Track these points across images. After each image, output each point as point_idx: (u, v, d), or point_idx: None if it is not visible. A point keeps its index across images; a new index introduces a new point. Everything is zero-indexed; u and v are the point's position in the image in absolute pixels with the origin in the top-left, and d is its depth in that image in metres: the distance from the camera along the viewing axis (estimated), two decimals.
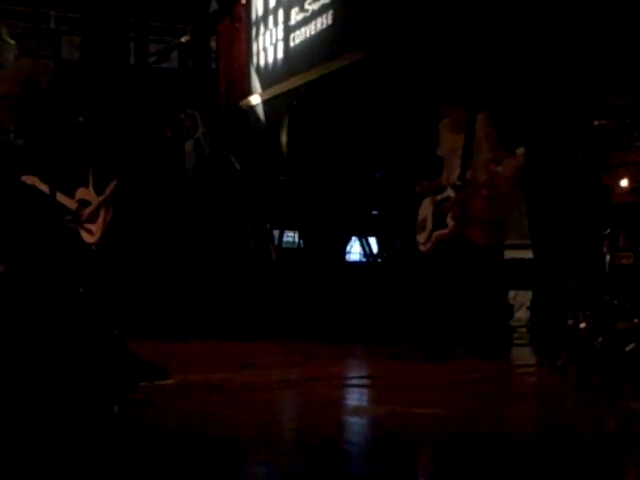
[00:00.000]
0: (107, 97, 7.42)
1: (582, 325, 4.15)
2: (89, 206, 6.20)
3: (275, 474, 2.42)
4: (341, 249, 7.80)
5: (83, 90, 7.38)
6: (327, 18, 8.23)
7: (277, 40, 9.41)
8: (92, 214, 6.16)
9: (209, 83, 10.24)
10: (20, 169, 6.29)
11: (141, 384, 3.46)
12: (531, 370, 4.78)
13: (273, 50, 9.53)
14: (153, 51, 9.35)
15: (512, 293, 6.68)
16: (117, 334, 3.53)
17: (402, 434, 3.01)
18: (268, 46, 9.66)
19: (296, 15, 8.90)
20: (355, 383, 4.25)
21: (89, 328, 3.41)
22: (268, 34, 9.67)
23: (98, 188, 6.26)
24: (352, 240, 7.94)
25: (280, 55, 9.34)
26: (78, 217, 6.21)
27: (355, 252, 8.02)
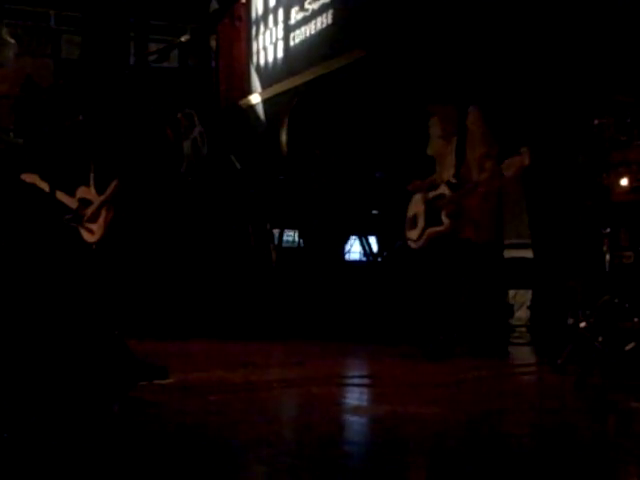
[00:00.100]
0: (107, 96, 7.42)
1: (582, 324, 4.15)
2: (91, 206, 6.19)
3: (275, 474, 2.42)
4: (340, 249, 7.80)
5: (83, 89, 7.37)
6: (327, 17, 8.23)
7: (277, 39, 9.41)
8: (94, 214, 6.16)
9: (209, 82, 10.24)
10: (20, 168, 6.28)
11: (141, 383, 3.47)
12: (531, 369, 4.78)
13: (273, 49, 9.53)
14: (153, 50, 9.35)
15: (512, 292, 6.68)
16: (117, 334, 3.53)
17: (402, 434, 3.01)
18: (268, 45, 9.67)
19: (296, 14, 8.91)
20: (355, 383, 4.25)
21: (89, 328, 3.42)
22: (268, 33, 9.67)
23: (98, 187, 6.26)
24: (352, 239, 7.94)
25: (280, 54, 9.35)
26: (79, 216, 6.21)
27: (355, 251, 8.02)
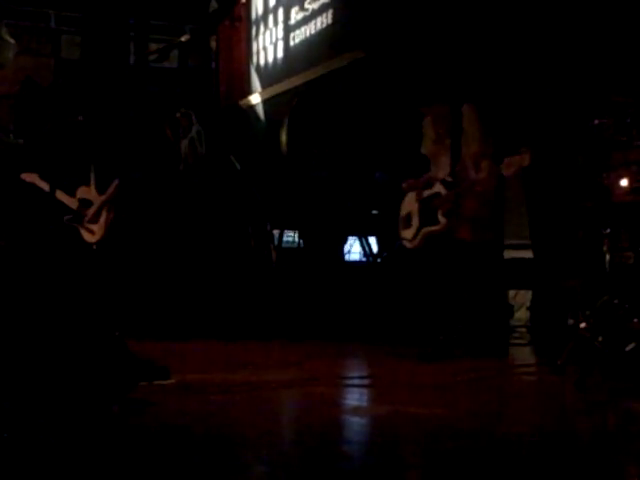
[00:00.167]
0: (107, 96, 7.43)
1: (582, 325, 4.14)
2: (92, 206, 6.19)
3: (275, 473, 2.42)
4: (340, 249, 7.80)
5: (83, 89, 7.38)
6: (327, 17, 8.23)
7: (277, 39, 9.41)
8: (95, 214, 6.16)
9: (209, 82, 10.22)
10: (20, 167, 6.28)
11: (141, 384, 3.47)
12: (531, 370, 4.78)
13: (273, 49, 9.53)
14: (153, 50, 9.35)
15: (512, 293, 6.68)
16: (117, 334, 3.53)
17: (402, 434, 3.01)
18: (268, 45, 9.67)
19: (296, 14, 8.91)
20: (355, 383, 4.25)
21: (89, 328, 3.42)
22: (268, 33, 9.67)
23: (99, 187, 6.26)
24: (352, 240, 7.94)
25: (280, 54, 9.35)
26: (79, 216, 6.21)
27: (355, 252, 8.02)
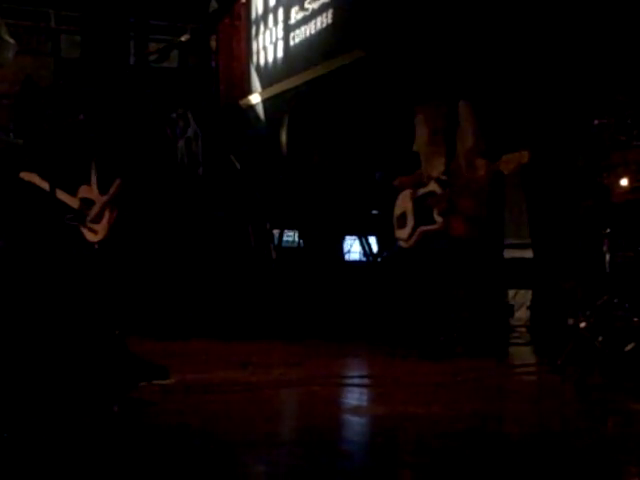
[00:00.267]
0: (107, 96, 7.42)
1: (582, 324, 4.15)
2: (94, 206, 6.21)
3: (275, 473, 2.42)
4: (340, 249, 7.79)
5: (83, 89, 7.38)
6: (327, 17, 8.22)
7: (277, 39, 9.40)
8: (97, 214, 6.17)
9: (209, 82, 10.23)
10: (20, 167, 6.29)
11: (141, 383, 3.46)
12: (531, 370, 4.77)
13: (273, 49, 9.52)
14: (153, 50, 9.35)
15: (512, 292, 6.68)
16: (117, 333, 3.53)
17: (401, 433, 3.02)
18: (268, 45, 9.66)
19: (296, 14, 8.90)
20: (355, 382, 4.25)
21: (90, 327, 3.42)
22: (268, 33, 9.66)
23: (100, 187, 6.27)
24: (352, 239, 7.94)
25: (280, 54, 9.34)
26: (81, 215, 6.22)
27: (355, 251, 8.02)
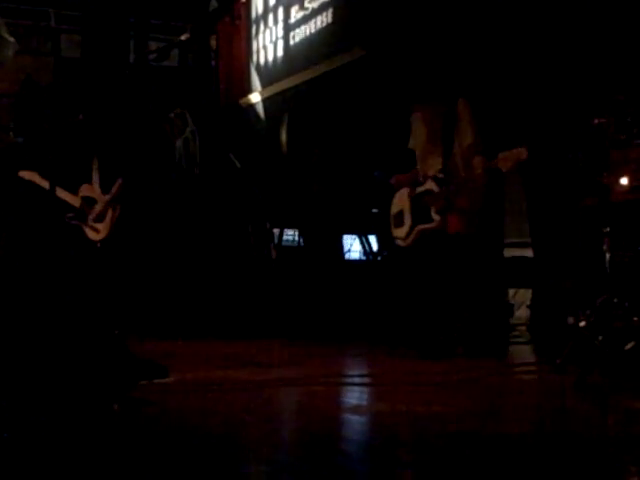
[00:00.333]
0: (107, 95, 7.42)
1: (582, 324, 4.15)
2: (97, 204, 6.22)
3: (276, 472, 2.42)
4: (340, 247, 7.79)
5: (83, 88, 7.38)
6: (327, 16, 8.22)
7: (277, 38, 9.40)
8: (101, 213, 6.19)
9: (209, 81, 10.23)
10: (20, 166, 6.30)
11: (141, 382, 3.47)
12: (531, 369, 4.78)
13: (273, 48, 9.52)
14: (153, 49, 9.35)
15: (512, 291, 6.68)
16: (117, 333, 3.53)
17: (401, 433, 3.02)
18: (268, 44, 9.65)
19: (296, 13, 8.89)
20: (355, 382, 4.25)
21: (89, 327, 3.42)
22: (268, 32, 9.66)
23: (102, 186, 6.28)
24: (352, 238, 7.94)
25: (280, 53, 9.33)
26: (82, 214, 6.23)
27: (355, 250, 8.02)
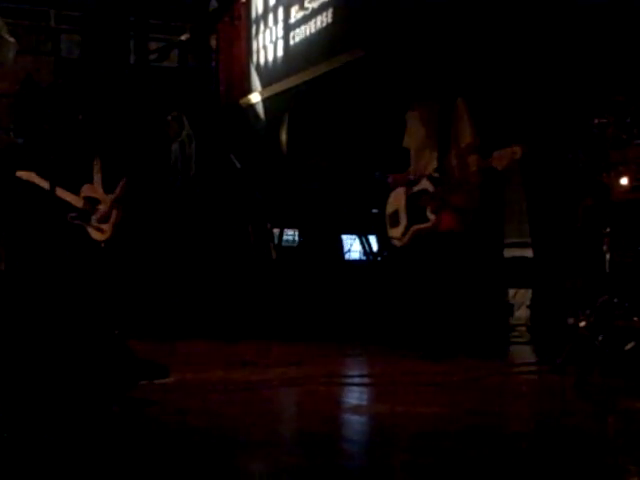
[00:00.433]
0: (107, 95, 7.42)
1: (582, 324, 4.15)
2: (102, 205, 6.23)
3: (275, 474, 2.42)
4: (340, 248, 7.79)
5: (83, 88, 7.38)
6: (327, 16, 8.22)
7: (277, 38, 9.40)
8: (105, 213, 6.20)
9: (209, 81, 10.23)
10: (19, 166, 6.30)
11: (141, 383, 3.46)
12: (531, 369, 4.77)
13: (273, 48, 9.51)
14: (153, 49, 9.35)
15: (512, 291, 6.68)
16: (117, 333, 3.53)
17: (401, 433, 3.01)
18: (268, 44, 9.65)
19: (296, 13, 8.89)
20: (355, 382, 4.25)
21: (89, 327, 3.42)
22: (268, 32, 9.66)
23: (104, 186, 6.28)
24: (352, 238, 7.94)
25: (280, 53, 9.33)
26: (85, 214, 6.24)
27: (355, 250, 8.01)
